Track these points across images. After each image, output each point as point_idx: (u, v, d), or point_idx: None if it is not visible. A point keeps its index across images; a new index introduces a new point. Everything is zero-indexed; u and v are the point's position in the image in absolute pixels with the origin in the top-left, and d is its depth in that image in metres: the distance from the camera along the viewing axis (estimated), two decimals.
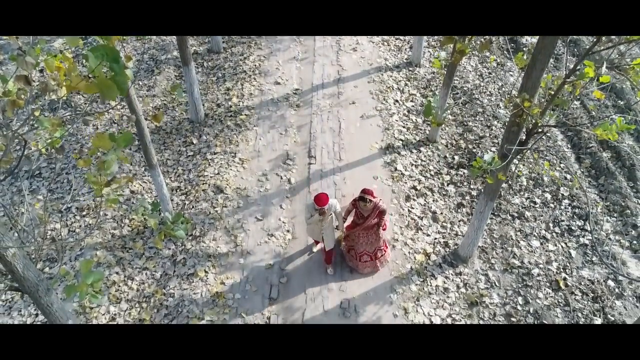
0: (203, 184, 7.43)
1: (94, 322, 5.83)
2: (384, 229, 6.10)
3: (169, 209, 6.72)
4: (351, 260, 6.27)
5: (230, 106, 8.83)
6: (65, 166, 7.72)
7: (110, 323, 5.83)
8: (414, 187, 7.51)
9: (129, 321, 5.85)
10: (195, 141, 8.18)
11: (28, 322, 5.83)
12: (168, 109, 8.86)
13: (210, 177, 7.54)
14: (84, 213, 7.05)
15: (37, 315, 5.91)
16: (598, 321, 5.90)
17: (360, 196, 5.71)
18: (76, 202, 7.19)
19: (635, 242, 6.84)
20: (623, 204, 7.31)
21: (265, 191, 7.37)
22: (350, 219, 6.22)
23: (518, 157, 5.30)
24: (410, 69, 9.87)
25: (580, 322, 5.89)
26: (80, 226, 6.86)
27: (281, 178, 7.57)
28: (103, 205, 7.18)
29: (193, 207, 7.12)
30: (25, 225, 6.18)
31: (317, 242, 6.45)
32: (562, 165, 7.99)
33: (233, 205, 7.15)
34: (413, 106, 9.01)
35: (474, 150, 8.12)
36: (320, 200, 5.44)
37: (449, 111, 8.84)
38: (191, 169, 7.72)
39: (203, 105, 8.66)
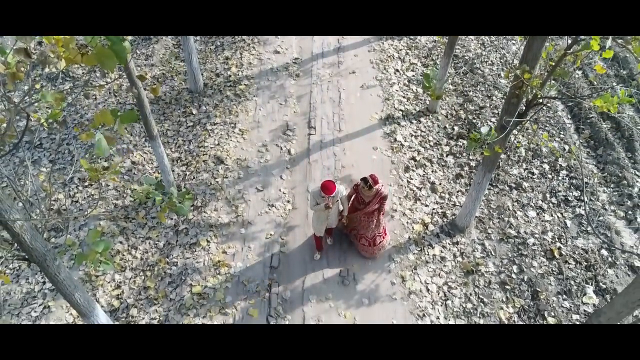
0: (203, 154, 7.47)
1: (100, 290, 5.99)
2: (383, 214, 5.96)
3: (170, 180, 6.79)
4: (353, 239, 6.23)
5: (230, 76, 8.77)
6: (66, 137, 7.74)
7: (114, 292, 5.99)
8: (413, 158, 7.55)
9: (133, 289, 6.01)
10: (194, 111, 8.16)
11: (36, 290, 6.00)
12: (167, 78, 8.79)
13: (211, 147, 7.57)
14: (86, 183, 7.12)
15: (44, 282, 6.07)
16: (590, 289, 6.06)
17: (364, 178, 5.53)
18: (78, 172, 7.25)
19: (630, 212, 6.94)
20: (620, 174, 7.38)
21: (265, 162, 7.41)
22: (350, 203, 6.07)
23: (517, 128, 5.32)
24: (412, 37, 9.73)
25: (572, 290, 6.05)
26: (83, 197, 6.95)
27: (281, 149, 7.61)
28: (104, 175, 7.23)
29: (194, 177, 7.19)
30: (30, 196, 6.26)
31: (318, 247, 6.20)
32: (561, 135, 8.00)
33: (233, 176, 7.21)
34: (414, 76, 8.94)
35: (474, 121, 8.12)
36: (328, 189, 5.18)
37: (449, 80, 8.78)
38: (191, 139, 7.74)
39: (202, 74, 8.59)
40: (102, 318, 4.78)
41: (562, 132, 8.05)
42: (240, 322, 5.67)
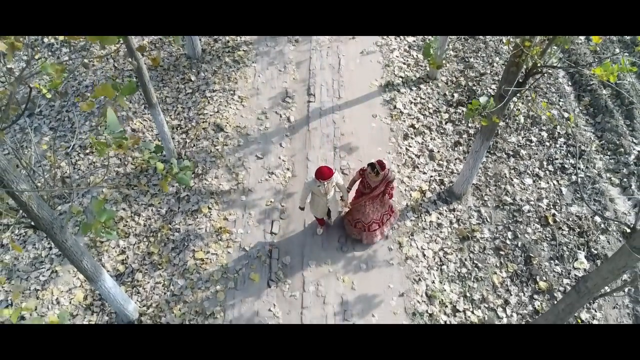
0: (203, 122, 7.49)
1: (105, 255, 6.16)
2: (390, 197, 5.90)
3: (171, 147, 6.84)
4: (359, 233, 6.09)
5: (228, 41, 8.65)
6: (65, 103, 7.73)
7: (119, 257, 6.16)
8: (412, 126, 7.57)
9: (138, 254, 6.18)
10: (193, 78, 8.12)
11: (43, 255, 6.17)
12: (164, 44, 8.69)
13: (210, 115, 7.57)
14: (87, 151, 7.18)
15: (50, 248, 6.23)
16: (581, 255, 6.23)
17: (371, 164, 5.42)
18: (79, 140, 7.29)
19: (625, 180, 7.03)
20: (618, 142, 7.42)
21: (265, 129, 7.44)
22: (354, 188, 6.06)
23: (517, 95, 5.33)
24: None
25: (564, 255, 6.23)
26: (85, 164, 7.02)
27: (280, 116, 7.62)
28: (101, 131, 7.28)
29: (194, 145, 7.23)
30: (34, 164, 6.35)
31: (320, 223, 6.21)
32: (561, 103, 7.99)
33: (233, 143, 7.25)
34: (414, 41, 8.83)
35: (474, 88, 8.08)
36: (322, 173, 4.97)
37: (450, 47, 8.68)
38: (191, 106, 7.74)
39: (199, 40, 8.48)
40: (109, 282, 4.96)
41: (562, 100, 8.03)
42: (241, 286, 5.86)
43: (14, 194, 3.40)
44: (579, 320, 5.73)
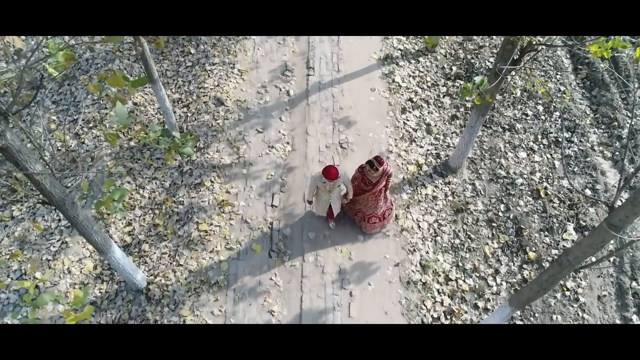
0: (204, 95, 7.58)
1: (112, 227, 6.40)
2: (387, 190, 5.93)
3: (173, 122, 6.97)
4: (359, 222, 6.22)
5: None
6: (66, 76, 7.79)
7: (126, 229, 6.40)
8: (410, 99, 7.68)
9: (143, 226, 6.42)
10: (193, 51, 8.14)
11: (52, 227, 6.41)
12: None
13: (211, 89, 7.66)
14: (90, 125, 7.31)
15: (59, 220, 6.46)
16: (570, 226, 6.48)
17: (370, 162, 5.49)
18: (81, 114, 7.41)
19: (617, 153, 7.20)
20: (612, 116, 7.55)
21: (264, 103, 7.54)
22: (354, 184, 5.99)
23: (514, 70, 5.41)
24: None
25: (554, 227, 6.47)
26: (89, 138, 7.16)
27: (280, 90, 7.70)
28: (108, 118, 7.42)
29: (195, 119, 7.36)
30: (43, 141, 6.50)
31: (330, 216, 6.24)
32: (558, 76, 8.05)
33: (234, 117, 7.37)
34: None
35: (472, 61, 8.13)
36: (329, 173, 5.05)
37: None
38: (191, 80, 7.81)
39: None
40: (118, 254, 5.21)
41: (559, 73, 8.09)
42: (244, 256, 6.13)
43: (28, 174, 3.58)
44: (565, 289, 6.03)
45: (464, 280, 6.08)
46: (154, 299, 5.85)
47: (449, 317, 5.81)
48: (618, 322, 5.90)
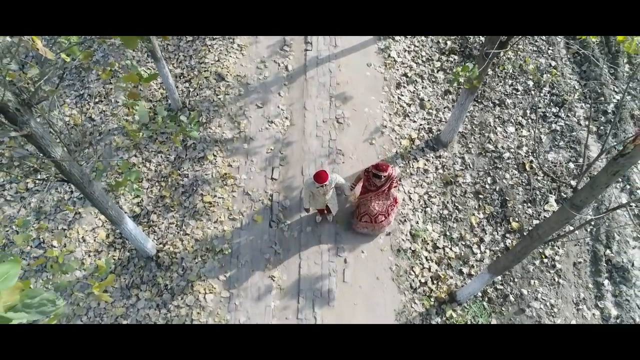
0: (205, 71, 7.82)
1: (122, 198, 6.81)
2: (396, 187, 6.16)
3: (176, 97, 7.25)
4: (365, 227, 6.34)
5: None
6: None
7: (135, 200, 6.82)
8: (405, 74, 7.92)
9: (151, 197, 6.83)
10: None
11: (65, 198, 6.82)
12: None
13: (211, 64, 7.88)
14: (96, 100, 7.59)
15: (72, 192, 6.87)
16: (552, 198, 6.90)
17: (374, 173, 5.69)
18: (87, 89, 7.68)
19: (602, 127, 7.52)
20: (600, 90, 7.82)
21: (264, 79, 7.79)
22: (360, 185, 6.22)
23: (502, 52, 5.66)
24: None
25: (537, 199, 6.89)
26: (95, 113, 7.46)
27: (279, 65, 7.93)
28: (113, 92, 7.69)
29: (197, 94, 7.63)
30: (54, 118, 6.80)
31: (320, 212, 6.57)
32: (550, 51, 8.26)
33: (234, 92, 7.65)
34: None
35: (467, 36, 8.30)
36: (320, 177, 5.40)
37: None
38: (192, 55, 8.02)
39: None
40: (130, 225, 5.65)
41: (551, 47, 8.29)
42: (246, 226, 6.58)
43: (50, 156, 3.94)
44: (543, 256, 6.51)
45: (450, 248, 6.55)
46: (164, 266, 6.33)
47: (435, 282, 6.32)
48: (590, 286, 6.41)
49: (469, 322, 6.07)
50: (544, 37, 8.37)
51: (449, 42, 8.27)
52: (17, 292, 1.50)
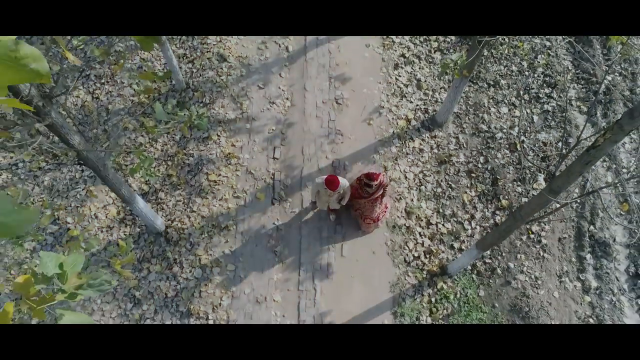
0: (207, 51, 8.00)
1: (130, 177, 7.14)
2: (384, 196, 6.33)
3: (180, 78, 7.47)
4: (356, 218, 6.69)
5: None
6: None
7: (143, 178, 7.14)
8: (403, 55, 8.11)
9: (158, 176, 7.16)
10: None
11: (77, 176, 7.15)
12: None
13: (213, 44, 8.06)
14: (103, 81, 7.81)
15: (83, 170, 7.19)
16: (541, 177, 7.24)
17: (366, 183, 5.96)
18: (93, 70, 7.88)
19: (592, 108, 7.78)
20: (592, 71, 8.04)
21: (265, 60, 7.99)
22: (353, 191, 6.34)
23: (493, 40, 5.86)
24: None
25: (526, 178, 7.23)
26: (102, 93, 7.70)
27: (279, 46, 8.11)
28: (118, 73, 7.90)
29: (200, 75, 7.84)
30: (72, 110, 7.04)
31: (330, 212, 6.87)
32: None
33: (236, 73, 7.86)
34: None
35: None
36: (333, 184, 5.66)
37: None
38: (194, 35, 8.18)
39: None
40: (141, 204, 6.00)
41: None
42: (250, 203, 6.94)
43: (69, 143, 4.24)
44: (530, 232, 6.91)
45: (443, 225, 6.94)
46: (172, 241, 6.73)
47: (428, 256, 6.73)
48: (574, 260, 6.84)
49: (458, 294, 6.52)
50: None
51: None
52: (77, 275, 1.84)
